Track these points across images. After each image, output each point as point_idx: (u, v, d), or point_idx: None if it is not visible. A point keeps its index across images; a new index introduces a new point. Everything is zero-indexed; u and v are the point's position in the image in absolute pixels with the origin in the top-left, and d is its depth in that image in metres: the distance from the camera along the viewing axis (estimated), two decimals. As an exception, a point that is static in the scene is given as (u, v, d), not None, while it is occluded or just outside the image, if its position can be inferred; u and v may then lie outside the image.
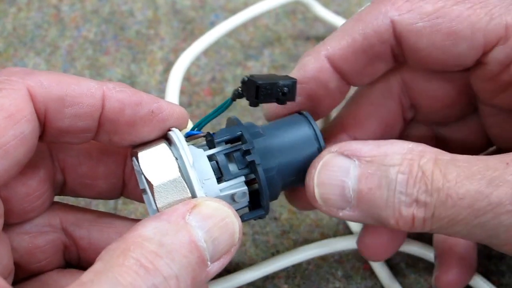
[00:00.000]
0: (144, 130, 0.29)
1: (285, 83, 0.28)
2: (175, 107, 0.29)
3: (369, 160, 0.27)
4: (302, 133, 0.30)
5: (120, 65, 0.49)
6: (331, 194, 0.28)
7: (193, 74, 0.49)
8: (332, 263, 0.40)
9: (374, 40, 0.29)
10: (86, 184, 0.32)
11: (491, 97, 0.31)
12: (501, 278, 0.39)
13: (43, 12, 0.52)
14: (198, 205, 0.26)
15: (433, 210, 0.26)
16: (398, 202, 0.26)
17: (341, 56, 0.30)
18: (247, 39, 0.52)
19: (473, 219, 0.25)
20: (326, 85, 0.31)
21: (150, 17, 0.52)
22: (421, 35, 0.29)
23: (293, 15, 0.53)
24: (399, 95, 0.34)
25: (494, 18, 0.28)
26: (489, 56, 0.29)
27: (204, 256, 0.25)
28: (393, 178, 0.26)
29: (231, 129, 0.29)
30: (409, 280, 0.39)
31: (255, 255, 0.40)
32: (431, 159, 0.26)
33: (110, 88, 0.28)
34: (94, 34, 0.51)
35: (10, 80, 0.26)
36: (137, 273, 0.23)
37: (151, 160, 0.27)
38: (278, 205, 0.42)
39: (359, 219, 0.28)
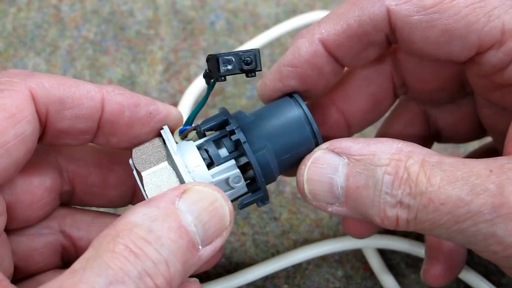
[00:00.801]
0: (142, 131, 0.29)
1: (248, 54, 0.28)
2: (171, 108, 0.30)
3: (358, 158, 0.27)
4: (291, 113, 0.30)
5: (120, 65, 0.49)
6: (320, 190, 0.28)
7: (193, 74, 0.49)
8: (332, 263, 0.40)
9: (369, 28, 0.29)
10: (95, 193, 0.32)
11: (485, 93, 0.31)
12: (501, 278, 0.39)
13: (43, 12, 0.52)
14: (187, 190, 0.27)
15: (415, 212, 0.26)
16: (383, 202, 0.27)
17: (335, 41, 0.30)
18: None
19: (453, 224, 0.25)
20: (320, 69, 0.31)
21: (150, 17, 0.52)
22: (416, 28, 0.28)
23: (293, 15, 0.53)
24: (391, 72, 0.34)
25: (492, 20, 0.28)
26: (483, 58, 0.28)
27: (195, 241, 0.26)
28: (380, 178, 0.27)
29: (216, 116, 0.30)
30: (409, 280, 0.39)
31: (255, 255, 0.40)
32: (418, 161, 0.26)
33: (109, 91, 0.29)
34: (94, 34, 0.51)
35: (12, 81, 0.27)
36: (127, 258, 0.24)
37: (142, 154, 0.29)
38: (278, 205, 0.42)
39: (348, 215, 0.29)
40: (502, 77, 0.29)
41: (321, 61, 0.30)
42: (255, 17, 0.53)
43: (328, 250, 0.39)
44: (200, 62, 0.50)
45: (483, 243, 0.25)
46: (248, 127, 0.29)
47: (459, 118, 0.36)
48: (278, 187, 0.43)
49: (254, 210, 0.42)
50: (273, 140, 0.30)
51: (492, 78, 0.29)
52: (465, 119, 0.35)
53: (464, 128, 0.36)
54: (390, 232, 0.41)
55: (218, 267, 0.39)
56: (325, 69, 0.31)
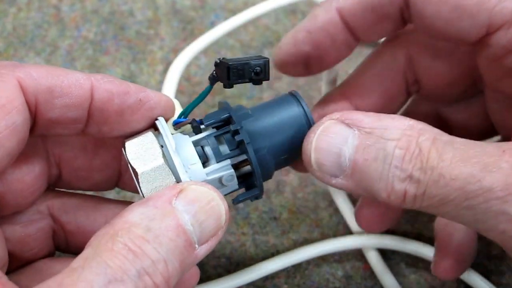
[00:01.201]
0: (132, 119, 0.29)
1: (257, 63, 0.28)
2: (162, 96, 0.30)
3: (369, 131, 0.27)
4: (291, 111, 0.30)
5: (120, 65, 0.49)
6: (327, 160, 0.28)
7: (193, 74, 0.49)
8: (332, 263, 0.40)
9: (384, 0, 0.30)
10: (81, 176, 0.32)
11: (496, 81, 0.31)
12: (501, 278, 0.39)
13: (43, 12, 0.52)
14: (184, 190, 0.27)
15: (425, 187, 0.26)
16: (392, 176, 0.26)
17: (351, 10, 0.31)
18: (247, 39, 0.52)
19: (463, 201, 0.25)
20: (334, 37, 0.31)
21: (150, 17, 0.52)
22: (429, 2, 0.29)
23: (293, 15, 0.53)
24: (404, 69, 0.34)
25: (503, 0, 0.28)
26: (493, 38, 0.29)
27: (192, 240, 0.26)
28: (390, 152, 0.26)
29: (219, 112, 0.30)
30: (409, 280, 0.39)
31: (255, 255, 0.40)
32: (429, 138, 0.26)
33: (98, 79, 0.29)
34: (94, 34, 0.51)
35: (0, 72, 0.27)
36: (126, 257, 0.24)
37: (137, 148, 0.28)
38: (278, 205, 0.42)
39: (351, 189, 0.28)
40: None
41: (336, 30, 0.31)
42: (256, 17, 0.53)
43: (328, 250, 0.39)
44: (200, 62, 0.50)
45: (492, 221, 0.25)
46: (248, 126, 0.29)
47: (470, 117, 0.36)
48: (278, 187, 0.43)
49: (254, 210, 0.42)
50: (272, 139, 0.30)
51: (502, 61, 0.29)
52: (476, 117, 0.36)
53: (474, 127, 0.36)
54: (390, 232, 0.41)
55: (218, 267, 0.40)
56: (339, 37, 0.31)
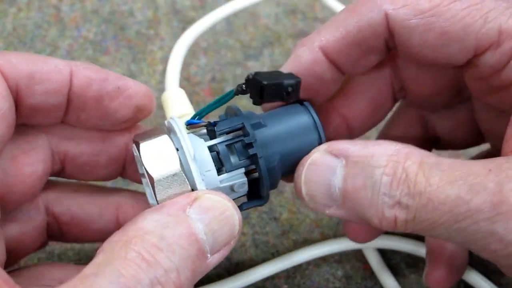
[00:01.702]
0: (110, 106, 0.29)
1: (290, 83, 0.28)
2: (141, 86, 0.30)
3: (356, 160, 0.27)
4: (302, 123, 0.30)
5: (120, 65, 0.49)
6: (317, 192, 0.28)
7: (193, 74, 0.49)
8: (332, 263, 0.40)
9: (368, 33, 0.29)
10: (85, 171, 0.32)
11: (483, 96, 0.31)
12: (501, 278, 0.39)
13: (43, 12, 0.52)
14: (198, 198, 0.27)
15: (414, 213, 0.26)
16: (381, 203, 0.26)
17: (335, 48, 0.30)
18: (247, 39, 0.52)
19: (452, 223, 0.25)
20: (321, 77, 0.31)
21: (150, 17, 0.52)
22: (414, 32, 0.29)
23: (293, 15, 0.53)
24: (390, 76, 0.34)
25: (489, 21, 0.28)
26: (481, 59, 0.29)
27: (204, 249, 0.26)
28: (378, 179, 0.26)
29: (232, 120, 0.29)
30: (409, 280, 0.39)
31: (255, 255, 0.40)
32: (416, 162, 0.26)
33: (77, 65, 0.29)
34: (94, 34, 0.51)
35: None
36: (139, 266, 0.24)
37: (153, 152, 0.28)
38: (278, 205, 0.42)
39: (345, 217, 0.28)
40: (500, 78, 0.29)
41: (322, 69, 0.30)
42: (255, 17, 0.53)
43: (328, 250, 0.39)
44: (200, 62, 0.50)
45: (482, 241, 0.25)
46: (260, 136, 0.29)
47: (457, 124, 0.36)
48: (278, 187, 0.43)
49: (254, 210, 0.42)
50: (282, 150, 0.30)
51: (490, 80, 0.29)
52: (463, 125, 0.36)
53: (462, 134, 0.36)
54: (390, 232, 0.41)
55: (218, 268, 0.40)
56: (326, 76, 0.31)
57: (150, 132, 0.29)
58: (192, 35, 0.43)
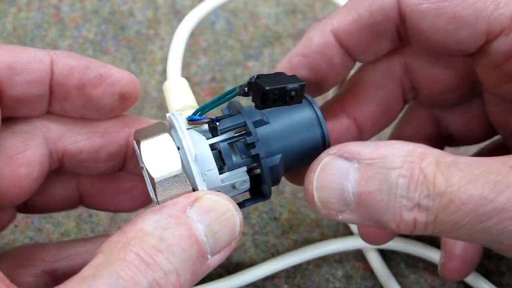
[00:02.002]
0: (93, 94, 0.29)
1: (293, 87, 0.27)
2: (125, 72, 0.30)
3: (369, 162, 0.27)
4: (305, 119, 0.30)
5: (120, 65, 0.49)
6: (330, 197, 0.28)
7: (193, 74, 0.49)
8: (332, 263, 0.40)
9: (379, 17, 0.29)
10: (85, 167, 0.32)
11: (495, 86, 0.31)
12: (501, 278, 0.39)
13: (43, 12, 0.52)
14: (198, 199, 0.26)
15: (435, 214, 0.25)
16: (399, 206, 0.26)
17: (346, 31, 0.30)
18: (247, 39, 0.52)
19: (476, 224, 0.25)
20: (331, 60, 0.31)
21: (150, 17, 0.52)
22: (425, 16, 0.29)
23: (293, 15, 0.53)
24: (400, 76, 0.34)
25: (501, 7, 0.27)
26: (492, 45, 0.28)
27: (204, 250, 0.26)
28: (394, 181, 0.26)
29: (234, 118, 0.29)
30: (409, 280, 0.39)
31: (255, 255, 0.40)
32: (432, 162, 0.26)
33: (57, 54, 0.29)
34: (94, 34, 0.51)
35: None
36: (138, 268, 0.24)
37: (154, 151, 0.27)
38: (278, 205, 0.42)
39: (359, 222, 0.28)
40: None
41: (332, 52, 0.31)
42: (255, 17, 0.53)
43: (328, 250, 0.39)
44: (200, 62, 0.50)
45: (508, 241, 0.25)
46: (262, 133, 0.29)
47: (469, 120, 0.36)
48: (278, 187, 0.43)
49: (254, 210, 0.42)
50: (285, 148, 0.29)
51: (502, 68, 0.29)
52: (475, 120, 0.35)
53: (475, 129, 0.36)
54: (390, 232, 0.41)
55: (218, 267, 0.39)
56: (336, 60, 0.31)
57: (151, 128, 0.29)
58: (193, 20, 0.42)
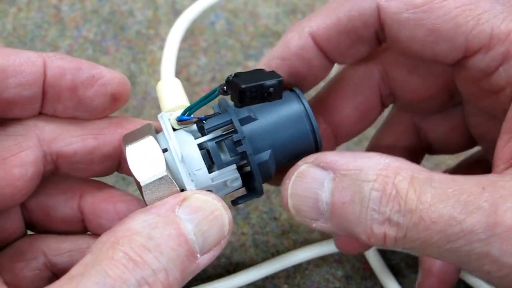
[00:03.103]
0: (86, 95, 0.29)
1: (271, 84, 0.27)
2: (116, 73, 0.30)
3: (344, 173, 0.27)
4: (293, 112, 0.30)
5: (120, 65, 0.49)
6: (304, 205, 0.28)
7: (193, 74, 0.49)
8: (332, 263, 0.40)
9: (358, 23, 0.29)
10: (80, 168, 0.32)
11: (474, 100, 0.31)
12: (501, 278, 0.39)
13: (43, 12, 0.52)
14: (187, 198, 0.27)
15: (405, 231, 0.25)
16: (370, 219, 0.26)
17: (324, 35, 0.30)
18: (247, 39, 0.52)
19: (445, 243, 0.24)
20: (309, 62, 0.31)
21: (150, 17, 0.52)
22: (404, 26, 0.28)
23: (293, 15, 0.53)
24: (378, 82, 0.34)
25: (481, 24, 0.27)
26: (470, 61, 0.28)
27: (193, 249, 0.26)
28: (367, 194, 0.26)
29: (221, 116, 0.29)
30: (409, 280, 0.39)
31: (255, 255, 0.40)
32: (406, 177, 0.25)
33: (50, 56, 0.29)
34: (94, 34, 0.51)
35: None
36: (126, 266, 0.24)
37: (138, 155, 0.27)
38: (278, 205, 0.42)
39: (333, 231, 0.28)
40: (490, 83, 0.28)
41: (310, 54, 0.30)
42: (255, 17, 0.53)
43: (328, 250, 0.39)
44: (200, 62, 0.50)
45: (476, 262, 0.25)
46: (250, 130, 0.29)
47: (449, 129, 0.35)
48: (278, 187, 0.43)
49: (254, 210, 0.42)
50: (275, 143, 0.29)
51: (480, 84, 0.29)
52: (455, 129, 0.35)
53: (454, 138, 0.36)
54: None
55: (218, 267, 0.39)
56: (314, 62, 0.31)
57: (138, 132, 0.29)
58: (186, 21, 0.42)
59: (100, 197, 0.32)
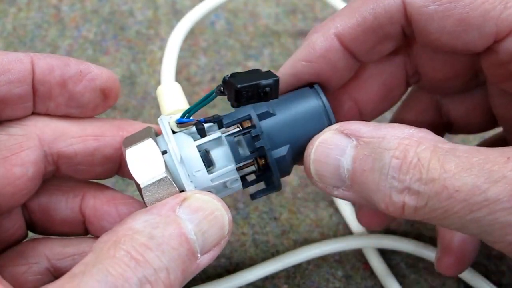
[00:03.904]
0: (75, 90, 0.30)
1: (267, 83, 0.26)
2: (104, 69, 0.31)
3: (367, 141, 0.27)
4: (312, 109, 0.30)
5: (120, 65, 0.49)
6: (326, 171, 0.28)
7: (193, 74, 0.49)
8: (332, 263, 0.40)
9: (384, 20, 0.29)
10: (80, 170, 0.32)
11: (500, 82, 0.31)
12: (501, 278, 0.39)
13: (43, 12, 0.52)
14: (187, 198, 0.27)
15: (426, 200, 0.25)
16: (389, 188, 0.26)
17: (350, 35, 0.30)
18: (247, 39, 0.52)
19: (467, 213, 0.24)
20: (335, 64, 0.31)
21: (150, 17, 0.52)
22: (432, 19, 0.28)
23: (293, 15, 0.53)
24: (404, 61, 0.34)
25: (509, 7, 0.27)
26: (500, 45, 0.28)
27: (194, 249, 0.26)
28: (387, 162, 0.26)
29: (239, 111, 0.29)
30: (409, 280, 0.39)
31: (255, 255, 0.40)
32: (429, 147, 0.25)
33: (37, 55, 0.29)
34: (94, 34, 0.51)
35: None
36: (128, 265, 0.24)
37: (138, 157, 0.28)
38: (278, 205, 0.42)
39: (353, 199, 0.28)
40: None
41: (336, 56, 0.30)
42: (255, 17, 0.53)
43: (328, 250, 0.39)
44: (200, 62, 0.50)
45: (499, 232, 0.24)
46: (269, 124, 0.29)
47: (471, 108, 0.35)
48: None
49: (254, 210, 0.42)
50: (293, 138, 0.29)
51: (508, 66, 0.29)
52: (477, 109, 0.35)
53: (476, 118, 0.36)
54: (391, 232, 0.41)
55: (218, 267, 0.40)
56: (340, 64, 0.31)
57: (137, 134, 0.29)
58: (187, 25, 0.42)
59: (101, 199, 0.32)
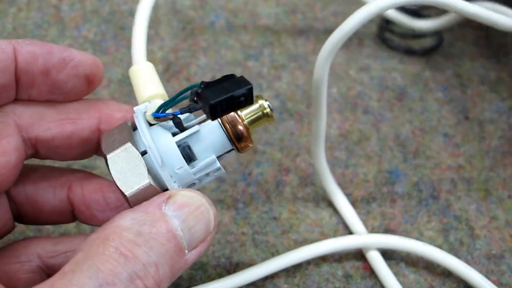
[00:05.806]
0: (58, 78, 0.30)
1: (241, 93, 0.26)
2: (87, 55, 0.31)
3: None
4: None
5: (120, 65, 0.49)
6: None
7: (193, 74, 0.49)
8: (332, 263, 0.40)
9: None
10: (59, 153, 0.32)
11: None
12: (501, 278, 0.39)
13: (43, 12, 0.52)
14: (172, 196, 0.27)
15: None
16: None
17: None
18: (247, 39, 0.52)
19: None
20: None
21: (150, 17, 0.52)
22: None
23: (293, 15, 0.53)
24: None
25: None
26: None
27: (182, 245, 0.26)
28: None
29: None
30: (409, 280, 0.39)
31: (255, 255, 0.40)
32: None
33: (19, 43, 0.29)
34: (94, 34, 0.51)
35: None
36: (117, 261, 0.24)
37: (120, 165, 0.28)
38: (278, 205, 0.42)
39: None
40: None
41: None
42: (255, 17, 0.53)
43: (328, 250, 0.39)
44: (200, 62, 0.50)
45: None
46: None
47: None
48: (278, 187, 0.43)
49: (254, 210, 0.42)
50: None
51: None
52: None
53: None
54: (390, 231, 0.41)
55: (218, 267, 0.39)
56: None
57: (117, 134, 0.29)
58: None
59: (89, 188, 0.32)
